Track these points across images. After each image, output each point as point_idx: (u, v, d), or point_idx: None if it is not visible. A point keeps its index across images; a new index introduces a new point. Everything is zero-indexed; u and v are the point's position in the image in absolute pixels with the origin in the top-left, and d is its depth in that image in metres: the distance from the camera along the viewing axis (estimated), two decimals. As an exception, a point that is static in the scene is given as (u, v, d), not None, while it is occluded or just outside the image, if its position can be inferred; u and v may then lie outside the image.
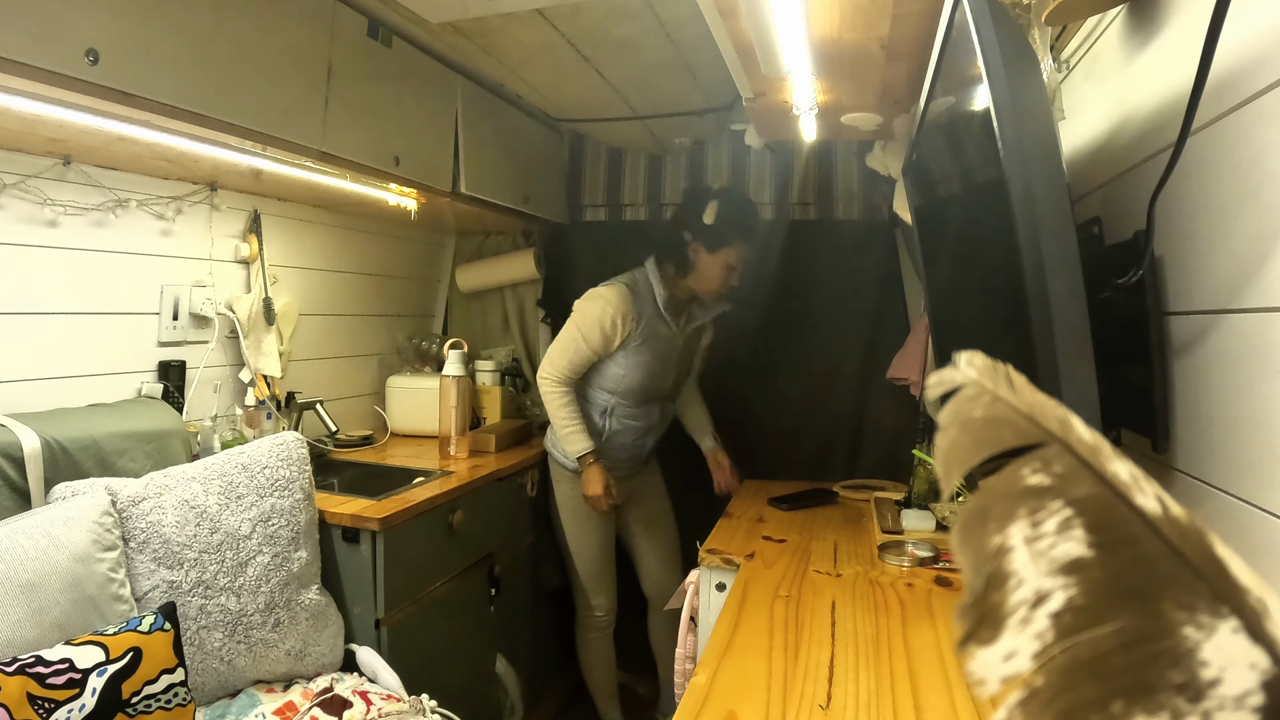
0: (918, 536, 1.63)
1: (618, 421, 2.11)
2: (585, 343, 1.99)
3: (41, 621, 1.14)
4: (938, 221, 1.36)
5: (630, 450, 2.16)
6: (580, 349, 2.00)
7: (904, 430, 2.31)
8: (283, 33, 1.47)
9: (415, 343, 2.65)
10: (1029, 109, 0.71)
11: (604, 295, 1.99)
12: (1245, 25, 0.67)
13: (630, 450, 2.16)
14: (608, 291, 1.99)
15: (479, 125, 2.14)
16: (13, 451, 1.32)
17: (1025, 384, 0.33)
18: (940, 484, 0.32)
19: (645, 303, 2.01)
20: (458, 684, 1.85)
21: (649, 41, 1.72)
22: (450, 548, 1.85)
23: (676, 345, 2.09)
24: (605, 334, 1.98)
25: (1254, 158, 0.67)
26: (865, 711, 0.95)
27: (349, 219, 2.37)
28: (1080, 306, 0.68)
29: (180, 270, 1.81)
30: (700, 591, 1.57)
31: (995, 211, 0.79)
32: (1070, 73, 1.22)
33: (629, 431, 2.13)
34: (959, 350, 0.35)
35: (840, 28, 1.19)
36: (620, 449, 2.14)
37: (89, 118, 1.27)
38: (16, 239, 1.47)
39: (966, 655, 0.29)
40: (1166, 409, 0.86)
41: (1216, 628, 0.27)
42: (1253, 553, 0.67)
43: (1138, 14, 0.93)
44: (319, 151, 1.58)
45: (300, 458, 1.57)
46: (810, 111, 1.62)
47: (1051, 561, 0.29)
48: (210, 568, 1.39)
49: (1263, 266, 0.66)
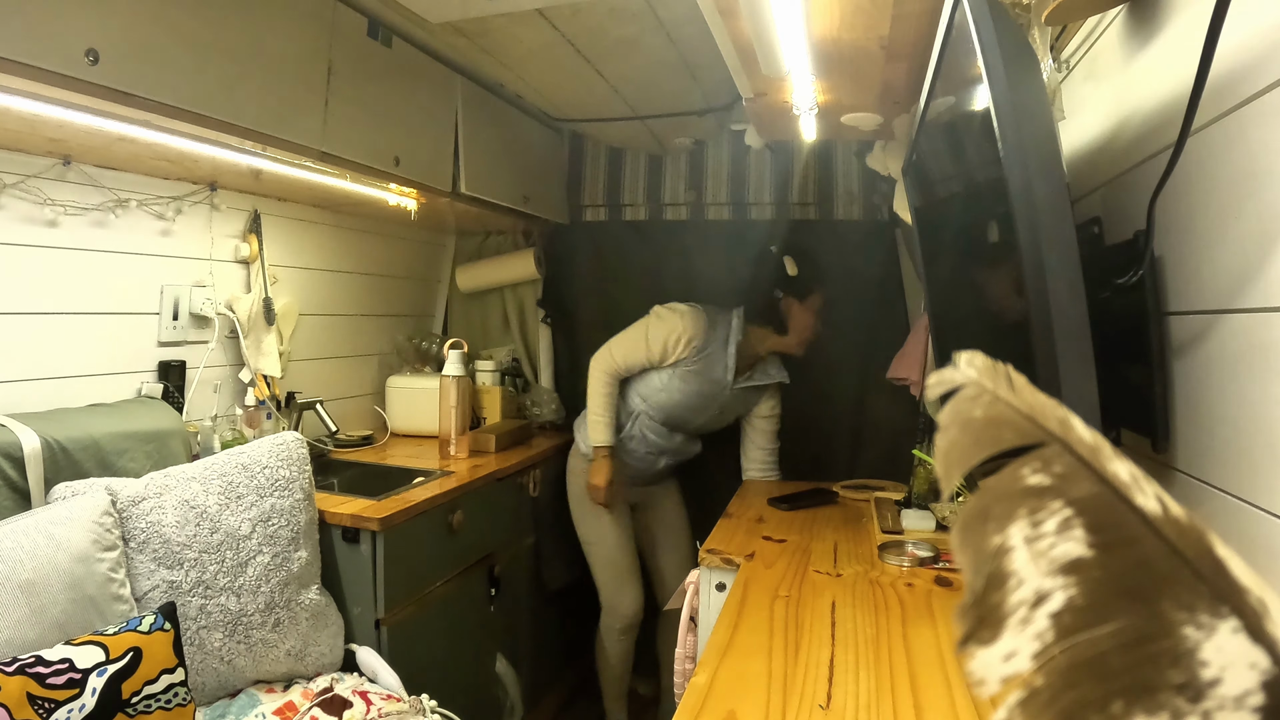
0: (918, 536, 1.63)
1: (639, 428, 2.16)
2: (646, 346, 2.06)
3: (41, 621, 1.14)
4: (938, 221, 1.36)
5: (641, 461, 2.20)
6: (639, 351, 2.07)
7: (904, 430, 2.31)
8: (283, 33, 1.47)
9: (415, 343, 2.65)
10: (1029, 109, 0.71)
11: (683, 313, 2.06)
12: (1245, 25, 0.67)
13: (641, 461, 2.20)
14: (689, 311, 2.06)
15: (479, 125, 2.14)
16: (13, 451, 1.32)
17: (1025, 384, 0.33)
18: (940, 484, 0.32)
19: (715, 340, 2.06)
20: (458, 684, 1.85)
21: (649, 41, 1.72)
22: (450, 548, 1.85)
23: (723, 393, 2.12)
24: (666, 347, 2.04)
25: (1254, 158, 0.67)
26: (865, 711, 0.95)
27: (349, 219, 2.37)
28: (1080, 306, 0.68)
29: (180, 270, 1.81)
30: (700, 591, 1.57)
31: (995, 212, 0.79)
32: (1070, 73, 1.22)
33: (645, 443, 2.18)
34: (959, 350, 0.35)
35: (840, 28, 1.19)
36: (631, 454, 2.18)
37: (89, 118, 1.27)
38: (16, 239, 1.47)
39: (966, 655, 0.29)
40: (1166, 409, 0.86)
41: (1216, 628, 0.27)
42: (1253, 553, 0.67)
43: (1138, 14, 0.93)
44: (319, 151, 1.58)
45: (300, 458, 1.57)
46: (810, 111, 1.62)
47: (1051, 561, 0.29)
48: (210, 568, 1.39)
49: (1263, 266, 0.66)
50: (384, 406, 2.49)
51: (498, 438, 2.28)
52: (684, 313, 2.05)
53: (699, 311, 2.07)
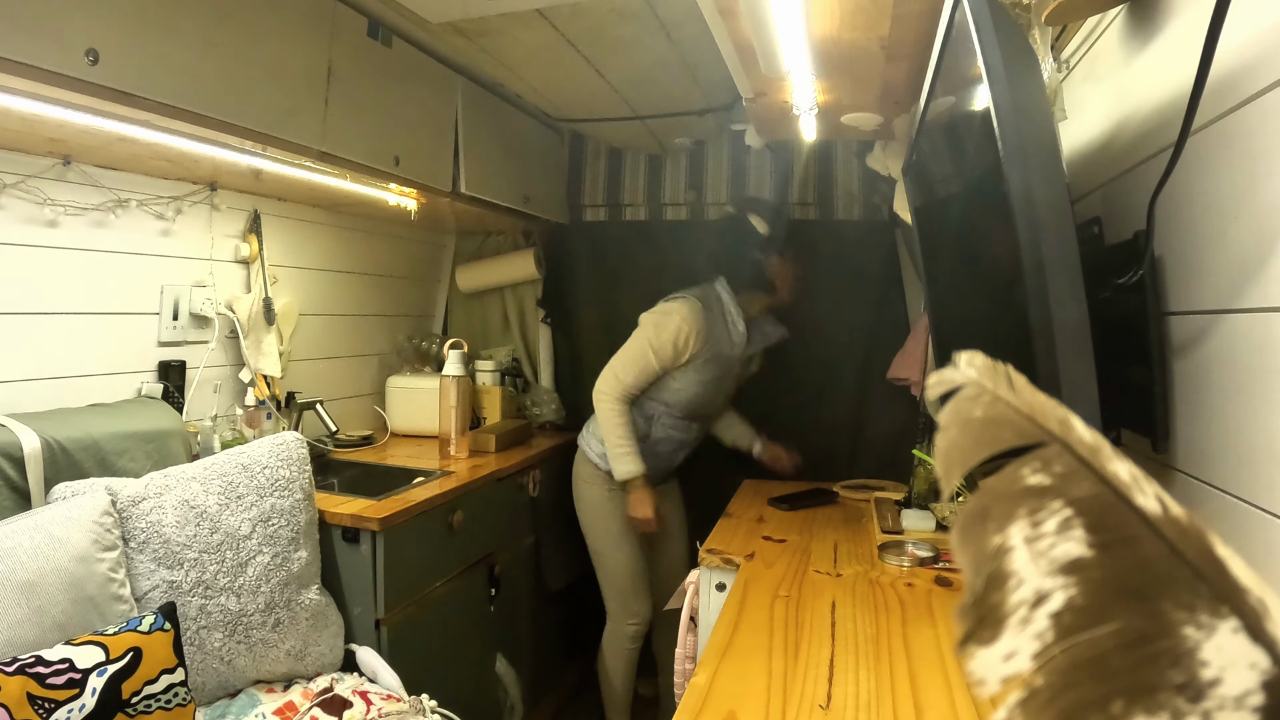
0: (918, 536, 1.63)
1: (661, 430, 2.12)
2: (655, 357, 1.98)
3: (41, 621, 1.14)
4: (938, 221, 1.36)
5: (664, 460, 2.17)
6: (649, 363, 1.99)
7: (904, 430, 2.31)
8: (283, 33, 1.47)
9: (415, 343, 2.65)
10: (1029, 109, 0.71)
11: (678, 310, 1.98)
12: (1245, 25, 0.67)
13: (664, 460, 2.17)
14: (681, 307, 1.99)
15: (479, 125, 2.14)
16: (13, 451, 1.32)
17: (1025, 384, 0.33)
18: (940, 484, 0.32)
19: (715, 320, 2.03)
20: (458, 684, 1.85)
21: (649, 41, 1.72)
22: (450, 548, 1.85)
23: (735, 366, 2.11)
24: (677, 349, 1.98)
25: (1254, 158, 0.67)
26: (865, 711, 0.95)
27: (349, 219, 2.37)
28: (1080, 306, 0.68)
29: (180, 270, 1.81)
30: (700, 591, 1.57)
31: (995, 212, 0.79)
32: (1070, 73, 1.22)
33: (669, 442, 2.15)
34: (959, 350, 0.35)
35: (840, 28, 1.19)
36: (656, 457, 2.13)
37: (89, 118, 1.27)
38: (16, 239, 1.47)
39: (966, 655, 0.29)
40: (1166, 409, 0.86)
41: (1216, 628, 0.27)
42: (1253, 553, 0.67)
43: (1138, 14, 0.93)
44: (319, 151, 1.58)
45: (300, 458, 1.57)
46: (810, 111, 1.62)
47: (1051, 561, 0.29)
48: (210, 568, 1.39)
49: (1263, 266, 0.66)
50: (384, 406, 2.49)
51: (498, 438, 2.28)
52: (677, 309, 1.99)
53: (690, 301, 2.01)
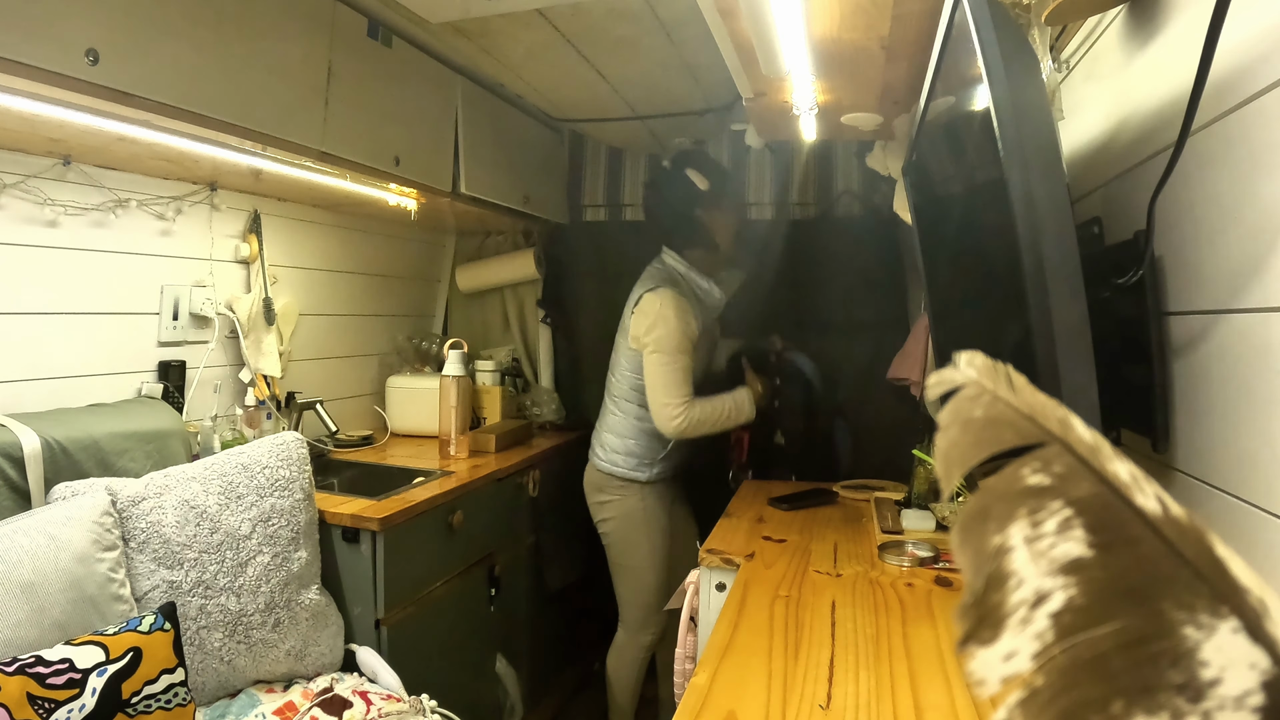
0: (918, 536, 1.63)
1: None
2: (684, 354, 1.96)
3: (41, 621, 1.14)
4: (938, 222, 1.36)
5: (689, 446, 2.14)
6: (684, 364, 1.96)
7: (904, 430, 2.31)
8: (283, 33, 1.47)
9: (415, 343, 2.65)
10: (1029, 109, 0.70)
11: (667, 304, 1.94)
12: (1245, 25, 0.67)
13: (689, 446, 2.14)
14: (658, 291, 1.96)
15: (479, 125, 2.14)
16: (13, 451, 1.32)
17: (1025, 384, 0.33)
18: (940, 484, 0.32)
19: (689, 296, 2.02)
20: (458, 684, 1.85)
21: (649, 41, 1.72)
22: (450, 548, 1.85)
23: (716, 328, 2.14)
24: (691, 336, 1.97)
25: (1254, 158, 0.67)
26: (865, 711, 0.95)
27: (349, 219, 2.37)
28: (1080, 306, 0.68)
29: (180, 270, 1.81)
30: (700, 591, 1.56)
31: (995, 212, 0.79)
32: (1070, 73, 1.22)
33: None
34: (959, 350, 0.35)
35: (840, 28, 1.18)
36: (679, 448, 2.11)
37: (89, 118, 1.27)
38: (16, 239, 1.47)
39: (966, 655, 0.29)
40: (1166, 409, 0.86)
41: (1216, 628, 0.27)
42: (1253, 553, 0.67)
43: (1138, 14, 0.93)
44: (319, 151, 1.58)
45: (300, 458, 1.57)
46: (810, 111, 1.62)
47: (1051, 561, 0.29)
48: (210, 568, 1.39)
49: (1263, 266, 0.66)
50: (384, 406, 2.49)
51: (498, 438, 2.28)
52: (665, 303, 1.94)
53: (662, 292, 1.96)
